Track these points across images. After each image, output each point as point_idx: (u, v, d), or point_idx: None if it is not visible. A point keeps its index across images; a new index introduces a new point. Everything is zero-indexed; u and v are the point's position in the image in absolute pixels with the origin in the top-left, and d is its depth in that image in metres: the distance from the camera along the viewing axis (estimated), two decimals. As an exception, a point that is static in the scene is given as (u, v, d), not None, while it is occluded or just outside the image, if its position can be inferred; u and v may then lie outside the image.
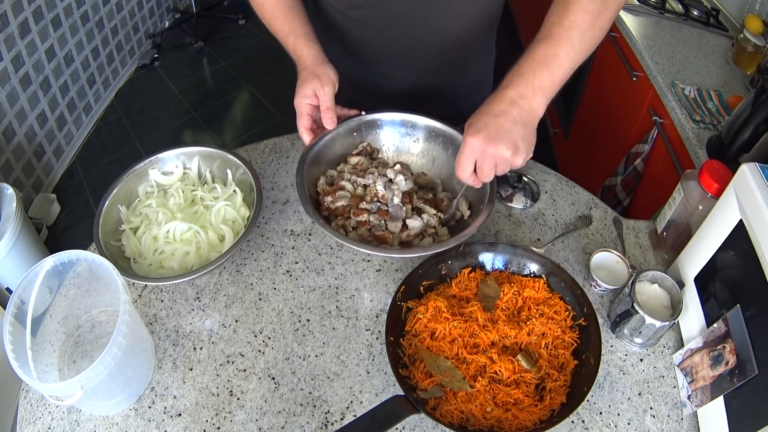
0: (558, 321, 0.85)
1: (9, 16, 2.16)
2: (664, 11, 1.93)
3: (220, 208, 0.99)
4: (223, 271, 0.98)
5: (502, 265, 0.94)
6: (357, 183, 0.99)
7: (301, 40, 0.97)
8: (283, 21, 0.99)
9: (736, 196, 0.80)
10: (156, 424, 0.80)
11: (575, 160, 2.41)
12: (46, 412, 0.81)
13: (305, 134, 0.97)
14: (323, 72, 0.95)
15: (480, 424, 0.76)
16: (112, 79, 3.06)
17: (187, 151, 1.05)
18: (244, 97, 3.15)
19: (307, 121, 0.97)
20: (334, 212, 0.96)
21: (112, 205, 0.97)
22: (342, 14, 1.04)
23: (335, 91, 0.96)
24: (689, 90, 1.57)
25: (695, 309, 0.87)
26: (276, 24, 1.00)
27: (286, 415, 0.81)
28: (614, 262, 0.98)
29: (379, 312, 0.93)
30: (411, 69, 1.11)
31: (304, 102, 0.95)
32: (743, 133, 1.25)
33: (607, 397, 0.85)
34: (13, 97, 2.24)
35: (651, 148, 1.67)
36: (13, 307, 0.73)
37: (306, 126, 0.97)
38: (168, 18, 3.61)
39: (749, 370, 0.71)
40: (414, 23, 1.01)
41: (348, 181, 1.00)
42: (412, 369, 0.81)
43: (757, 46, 1.65)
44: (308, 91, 0.94)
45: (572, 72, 0.81)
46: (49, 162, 2.53)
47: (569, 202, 1.13)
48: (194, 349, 0.88)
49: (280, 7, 0.99)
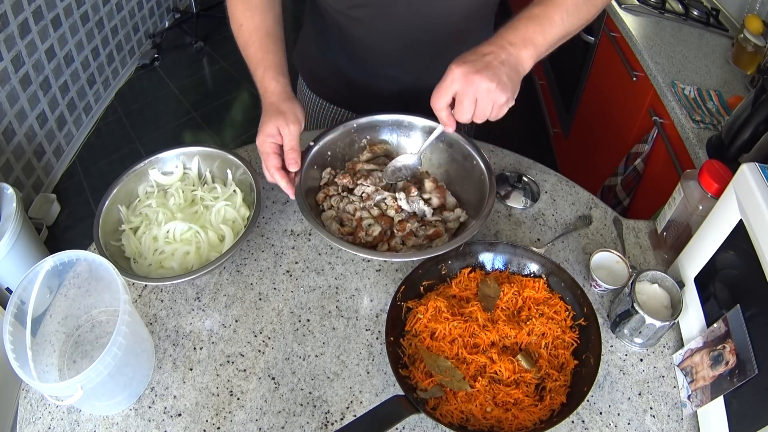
0: (558, 321, 0.85)
1: (9, 16, 2.16)
2: (664, 11, 1.93)
3: (220, 208, 0.99)
4: (223, 271, 0.98)
5: (502, 265, 0.94)
6: (369, 205, 0.97)
7: (270, 73, 0.91)
8: (256, 49, 0.93)
9: (736, 196, 0.80)
10: (156, 424, 0.80)
11: (575, 160, 2.42)
12: (46, 412, 0.81)
13: (276, 175, 0.89)
14: (288, 109, 0.89)
15: (480, 424, 0.76)
16: (112, 79, 3.06)
17: (187, 151, 1.05)
18: (244, 97, 3.15)
19: (275, 161, 0.89)
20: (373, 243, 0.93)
21: (112, 205, 0.97)
22: (342, 14, 1.04)
23: (301, 130, 0.90)
24: (689, 90, 1.57)
25: (695, 309, 0.87)
26: (249, 50, 0.94)
27: (286, 415, 0.81)
28: (614, 262, 0.98)
29: (379, 312, 0.93)
30: (410, 69, 1.11)
31: (268, 141, 0.88)
32: (743, 133, 1.25)
33: (607, 397, 0.85)
34: (13, 97, 2.24)
35: (651, 148, 1.67)
36: (13, 307, 0.73)
37: (276, 165, 0.89)
38: (168, 18, 3.61)
39: (749, 370, 0.71)
40: (414, 23, 1.01)
41: (361, 209, 0.97)
42: (412, 369, 0.81)
43: (757, 46, 1.65)
44: (272, 130, 0.88)
45: (562, 41, 0.82)
46: (49, 162, 2.53)
47: (569, 202, 1.13)
48: (194, 349, 0.88)
49: (257, 33, 0.94)
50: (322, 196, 1.00)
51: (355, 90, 1.18)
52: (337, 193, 1.00)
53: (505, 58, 0.77)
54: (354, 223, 0.95)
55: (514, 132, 2.65)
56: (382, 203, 0.97)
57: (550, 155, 2.67)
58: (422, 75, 1.14)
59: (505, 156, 1.20)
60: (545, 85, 2.80)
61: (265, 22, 0.95)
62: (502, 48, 0.77)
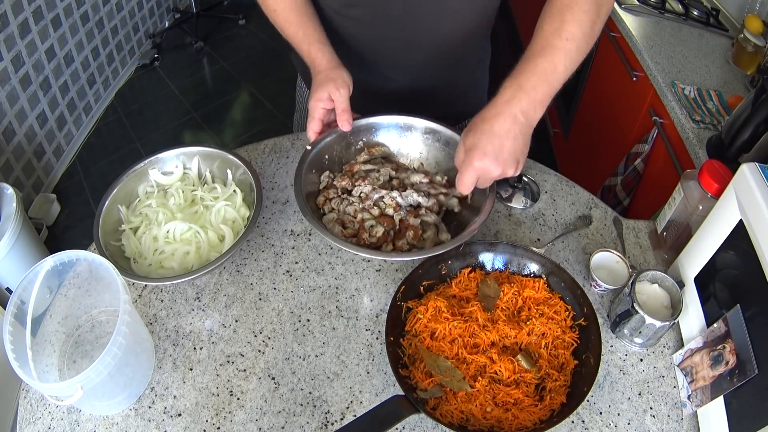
0: (558, 321, 0.85)
1: (9, 16, 2.16)
2: (664, 11, 1.93)
3: (220, 208, 0.99)
4: (223, 271, 0.98)
5: (502, 265, 0.94)
6: (368, 205, 0.97)
7: (315, 46, 0.99)
8: (296, 27, 1.00)
9: (736, 196, 0.80)
10: (156, 424, 0.80)
11: (575, 160, 2.41)
12: (46, 412, 0.81)
13: (313, 137, 0.98)
14: (338, 75, 0.96)
15: (480, 424, 0.76)
16: (112, 79, 3.07)
17: (187, 151, 1.05)
18: (244, 97, 3.15)
19: (317, 126, 0.97)
20: (378, 243, 0.94)
21: (112, 205, 0.97)
22: (338, 13, 1.04)
23: (350, 93, 0.97)
24: (689, 90, 1.57)
25: (695, 309, 0.87)
26: (289, 30, 1.01)
27: (286, 415, 0.81)
28: (614, 262, 0.98)
29: (379, 312, 0.93)
30: (406, 69, 1.11)
31: (319, 105, 0.96)
32: (743, 133, 1.25)
33: (607, 397, 0.85)
34: (13, 97, 2.24)
35: (651, 148, 1.67)
36: (13, 307, 0.73)
37: (315, 130, 0.97)
38: (168, 18, 3.61)
39: (749, 370, 0.71)
40: (410, 23, 1.01)
41: (362, 210, 0.97)
42: (412, 369, 0.81)
43: (757, 46, 1.65)
44: (323, 94, 0.95)
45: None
46: (49, 162, 2.53)
47: (569, 202, 1.13)
48: (194, 349, 0.88)
49: (293, 13, 1.01)
50: (322, 199, 0.99)
51: (353, 90, 1.18)
52: (336, 196, 1.00)
53: (519, 132, 0.79)
54: (356, 225, 0.95)
55: (514, 132, 2.65)
56: (381, 202, 0.97)
57: (550, 155, 2.67)
58: (418, 75, 1.14)
59: (505, 156, 1.20)
60: (545, 85, 2.79)
61: (296, 2, 1.01)
62: (515, 122, 0.78)
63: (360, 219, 0.95)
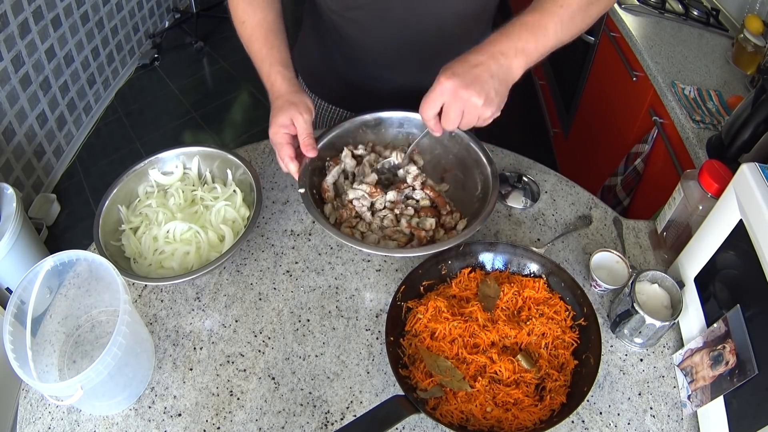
0: (558, 321, 0.85)
1: (9, 16, 2.16)
2: (664, 11, 1.93)
3: (220, 208, 0.99)
4: (223, 271, 0.98)
5: (502, 265, 0.94)
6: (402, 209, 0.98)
7: (276, 67, 0.93)
8: (260, 45, 0.94)
9: (736, 196, 0.80)
10: (156, 424, 0.80)
11: (575, 160, 2.42)
12: (46, 412, 0.81)
13: (291, 165, 0.91)
14: (299, 100, 0.90)
15: (480, 424, 0.76)
16: (112, 79, 3.06)
17: (187, 151, 1.05)
18: (244, 97, 3.15)
19: (289, 150, 0.90)
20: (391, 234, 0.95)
21: (112, 205, 0.97)
22: (338, 15, 1.04)
23: (312, 119, 0.92)
24: (689, 90, 1.57)
25: (695, 309, 0.87)
26: (253, 46, 0.95)
27: (286, 415, 0.81)
28: (614, 262, 0.98)
29: (379, 312, 0.93)
30: (405, 70, 1.11)
31: (281, 132, 0.89)
32: (743, 133, 1.25)
33: (607, 397, 0.85)
34: (13, 97, 2.24)
35: (651, 148, 1.67)
36: (13, 307, 0.73)
37: (290, 155, 0.90)
38: (168, 18, 3.61)
39: (749, 370, 0.71)
40: (410, 24, 1.01)
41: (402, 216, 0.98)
42: (412, 369, 0.81)
43: (757, 46, 1.65)
44: (285, 120, 0.89)
45: (554, 49, 0.81)
46: (49, 162, 2.53)
47: (569, 202, 1.13)
48: (194, 349, 0.88)
49: (260, 29, 0.95)
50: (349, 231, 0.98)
51: (352, 90, 1.18)
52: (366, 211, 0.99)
53: (495, 69, 0.77)
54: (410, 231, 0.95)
55: (514, 132, 2.66)
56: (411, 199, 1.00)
57: (550, 155, 2.67)
58: (417, 77, 1.13)
59: (504, 156, 1.20)
60: (545, 85, 2.80)
61: (267, 18, 0.96)
62: (492, 58, 0.77)
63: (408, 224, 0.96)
